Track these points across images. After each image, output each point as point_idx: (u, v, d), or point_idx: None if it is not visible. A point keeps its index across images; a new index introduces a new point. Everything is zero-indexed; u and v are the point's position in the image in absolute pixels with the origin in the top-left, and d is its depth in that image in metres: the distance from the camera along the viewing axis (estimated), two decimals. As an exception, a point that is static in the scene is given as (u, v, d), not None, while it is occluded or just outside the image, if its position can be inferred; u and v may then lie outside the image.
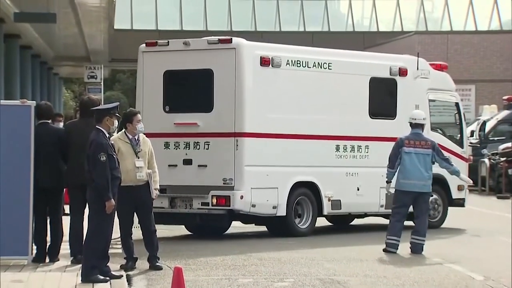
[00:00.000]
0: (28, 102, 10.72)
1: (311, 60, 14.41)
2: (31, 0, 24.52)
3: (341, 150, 14.79)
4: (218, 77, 13.66)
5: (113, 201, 9.63)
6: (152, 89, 14.05)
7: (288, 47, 14.66)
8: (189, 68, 13.91)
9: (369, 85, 15.14)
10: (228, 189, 13.43)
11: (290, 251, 12.90)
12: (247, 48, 13.73)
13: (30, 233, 10.46)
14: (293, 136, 14.13)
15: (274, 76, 13.94)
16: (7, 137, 10.47)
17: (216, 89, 13.67)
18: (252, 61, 13.67)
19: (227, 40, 13.71)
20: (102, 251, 9.70)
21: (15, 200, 10.43)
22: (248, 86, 13.61)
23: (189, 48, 13.86)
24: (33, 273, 9.97)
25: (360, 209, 15.29)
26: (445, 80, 16.65)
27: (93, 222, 9.69)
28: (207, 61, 13.75)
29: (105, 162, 9.57)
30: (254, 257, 12.06)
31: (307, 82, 14.37)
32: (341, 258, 12.21)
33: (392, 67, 15.45)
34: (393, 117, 15.44)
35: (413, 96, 15.65)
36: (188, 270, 10.50)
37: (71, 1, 25.76)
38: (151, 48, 14.16)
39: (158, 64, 14.07)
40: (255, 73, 13.72)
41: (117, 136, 10.71)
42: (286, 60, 14.09)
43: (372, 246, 13.81)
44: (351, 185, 14.85)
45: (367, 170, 14.98)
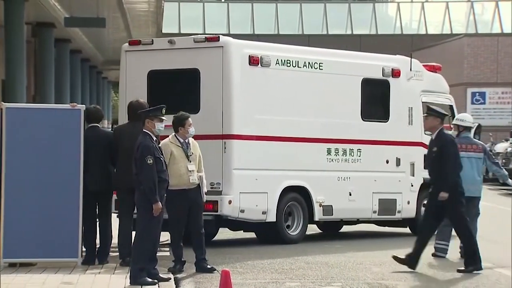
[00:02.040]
0: (78, 106, 10.84)
1: (301, 60, 13.79)
2: (81, 6, 24.85)
3: (332, 154, 14.11)
4: (205, 77, 13.03)
5: (160, 204, 9.69)
6: (136, 90, 13.25)
7: (277, 45, 14.06)
8: (175, 68, 13.26)
9: (361, 86, 14.48)
10: (215, 193, 12.66)
11: (337, 254, 12.84)
12: (235, 46, 13.12)
13: (79, 236, 10.57)
14: (283, 138, 13.45)
15: (263, 76, 13.33)
16: (57, 141, 10.60)
17: (203, 89, 13.02)
18: (241, 60, 13.05)
19: (214, 38, 13.09)
20: (150, 254, 9.76)
21: (65, 203, 10.55)
22: (236, 86, 13.00)
23: (174, 47, 13.24)
24: (83, 275, 10.08)
25: (352, 215, 14.60)
26: (439, 82, 16.01)
27: (141, 224, 9.76)
28: (193, 60, 13.12)
29: (152, 165, 9.64)
30: (301, 261, 12.03)
31: (297, 83, 13.75)
32: (389, 262, 12.11)
33: (385, 68, 14.78)
34: (386, 120, 14.84)
35: (406, 98, 15.03)
36: (235, 273, 10.51)
37: (120, 6, 26.04)
38: (134, 47, 13.56)
39: (142, 63, 13.45)
40: (244, 73, 13.09)
41: (168, 140, 10.73)
42: (276, 59, 13.47)
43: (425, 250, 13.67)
44: (343, 190, 14.20)
45: (359, 175, 14.37)
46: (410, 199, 15.11)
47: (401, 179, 14.97)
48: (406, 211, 15.08)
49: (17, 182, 10.45)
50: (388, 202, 14.80)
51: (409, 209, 15.10)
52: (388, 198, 14.81)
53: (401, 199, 14.97)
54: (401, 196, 14.98)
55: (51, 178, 10.52)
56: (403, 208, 15.01)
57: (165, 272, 10.30)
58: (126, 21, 29.27)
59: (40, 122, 10.60)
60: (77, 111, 10.73)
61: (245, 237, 14.83)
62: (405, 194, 15.03)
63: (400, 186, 14.97)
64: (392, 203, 14.86)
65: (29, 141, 10.52)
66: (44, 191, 10.49)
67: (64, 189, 10.55)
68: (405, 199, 15.03)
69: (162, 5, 29.12)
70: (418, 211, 15.23)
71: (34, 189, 10.48)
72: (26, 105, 11.01)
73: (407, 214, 15.13)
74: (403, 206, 15.00)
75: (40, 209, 10.47)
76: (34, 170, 10.50)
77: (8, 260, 10.45)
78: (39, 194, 10.48)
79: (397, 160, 14.92)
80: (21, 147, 10.50)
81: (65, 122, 10.67)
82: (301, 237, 13.81)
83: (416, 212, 15.24)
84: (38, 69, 28.18)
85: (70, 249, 10.50)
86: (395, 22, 51.30)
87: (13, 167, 10.45)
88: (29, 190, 10.47)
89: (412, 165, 15.13)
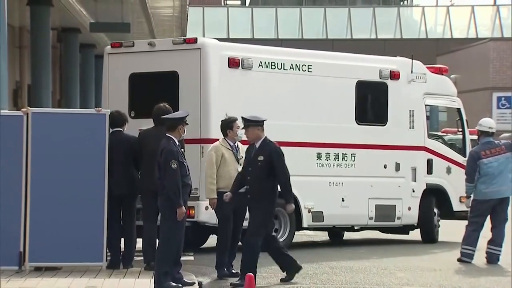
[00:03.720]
0: (103, 111, 10.89)
1: (287, 62, 13.41)
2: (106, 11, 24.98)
3: (323, 158, 13.65)
4: (183, 80, 12.70)
5: (184, 208, 9.71)
6: (117, 93, 13.12)
7: (262, 47, 13.76)
8: (154, 71, 12.98)
9: (356, 89, 14.06)
10: (193, 199, 11.90)
11: (361, 259, 12.80)
12: (213, 48, 12.81)
13: (104, 240, 10.62)
14: None
15: (244, 78, 12.97)
16: (82, 145, 10.65)
17: (181, 92, 12.66)
18: (219, 62, 12.74)
19: (192, 40, 12.83)
20: (175, 258, 9.78)
21: (90, 207, 10.60)
22: (214, 89, 12.67)
23: (154, 49, 12.99)
24: (107, 279, 10.12)
25: (346, 222, 14.17)
26: (444, 84, 15.51)
27: (165, 229, 9.78)
28: (172, 63, 12.84)
29: (176, 169, 9.66)
30: (325, 266, 12.00)
31: (283, 85, 13.36)
32: (413, 267, 12.06)
33: (382, 70, 14.34)
34: (384, 123, 14.41)
35: (407, 101, 14.62)
36: (259, 278, 10.50)
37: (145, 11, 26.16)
38: (116, 49, 13.34)
39: (123, 66, 13.22)
40: (223, 75, 12.76)
41: (219, 143, 10.79)
42: (259, 61, 13.11)
43: (443, 256, 13.63)
44: (335, 196, 13.75)
45: (353, 180, 13.90)
46: (411, 205, 14.63)
47: (401, 185, 14.50)
48: (407, 217, 14.61)
49: (43, 186, 10.52)
50: (386, 208, 14.32)
51: (410, 215, 14.64)
52: (386, 204, 14.33)
53: (401, 205, 14.49)
54: (401, 202, 14.49)
55: (76, 183, 10.58)
56: (404, 215, 14.53)
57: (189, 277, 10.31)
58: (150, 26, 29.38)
59: (65, 127, 10.67)
60: (102, 115, 10.78)
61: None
62: (406, 200, 14.55)
63: (400, 191, 14.49)
64: (390, 209, 14.38)
65: (54, 145, 10.59)
66: (69, 196, 10.55)
67: (89, 194, 10.60)
68: (406, 205, 14.56)
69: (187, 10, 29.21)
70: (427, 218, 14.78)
71: (60, 194, 10.54)
72: (51, 110, 11.10)
73: (408, 220, 14.67)
74: (404, 213, 14.53)
75: (66, 214, 10.53)
76: (59, 174, 10.56)
77: (34, 264, 10.52)
78: (64, 198, 10.54)
79: (397, 165, 14.45)
80: (47, 152, 10.57)
81: (90, 127, 10.72)
82: (287, 244, 13.03)
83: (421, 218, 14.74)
84: (63, 74, 28.36)
85: (95, 253, 10.55)
86: (420, 26, 51.12)
87: (38, 172, 10.52)
88: (55, 195, 10.54)
89: (414, 170, 14.69)
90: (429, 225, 14.99)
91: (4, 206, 10.46)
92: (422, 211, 14.77)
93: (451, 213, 15.23)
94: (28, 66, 25.11)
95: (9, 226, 10.42)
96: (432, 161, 14.95)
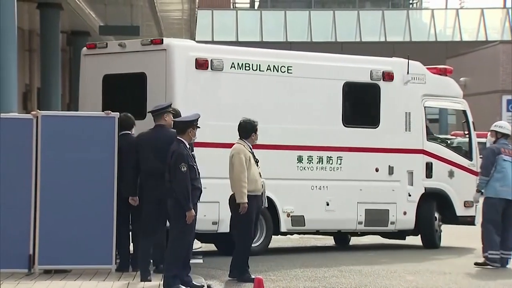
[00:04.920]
0: (112, 114, 10.91)
1: (264, 63, 13.07)
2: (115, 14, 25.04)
3: (304, 161, 13.27)
4: (151, 81, 12.51)
5: (193, 212, 9.71)
6: (92, 95, 13.03)
7: (235, 48, 13.51)
8: (125, 72, 12.83)
9: (343, 90, 13.67)
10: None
11: (371, 263, 12.78)
12: (179, 49, 12.54)
13: (113, 243, 10.63)
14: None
15: (214, 80, 12.67)
16: (92, 148, 10.67)
17: (149, 94, 12.46)
18: (185, 63, 12.47)
19: (158, 41, 12.63)
20: (184, 261, 9.79)
21: (99, 210, 10.62)
22: (179, 90, 12.38)
23: (125, 50, 12.81)
24: (116, 282, 10.13)
25: (331, 226, 13.80)
26: (447, 85, 14.98)
27: (174, 232, 9.79)
28: (140, 64, 12.65)
29: (186, 172, 9.67)
30: (334, 269, 11.99)
31: (259, 87, 13.04)
32: (422, 270, 12.03)
33: (373, 71, 13.93)
34: (376, 126, 14.00)
35: (403, 103, 14.21)
36: (268, 281, 10.50)
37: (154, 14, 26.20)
38: (91, 51, 13.20)
39: (98, 68, 13.10)
40: (189, 77, 12.49)
41: (242, 146, 10.68)
42: (231, 62, 12.80)
43: (452, 260, 13.58)
44: (318, 200, 13.39)
45: (340, 184, 13.56)
46: (407, 210, 14.19)
47: (395, 189, 14.08)
48: (402, 222, 14.18)
49: (52, 189, 10.54)
50: (377, 213, 13.91)
51: (405, 220, 14.21)
52: (378, 209, 13.91)
53: (395, 210, 14.06)
54: (395, 207, 14.06)
55: (85, 185, 10.60)
56: (398, 219, 14.11)
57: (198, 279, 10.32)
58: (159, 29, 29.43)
59: (74, 130, 10.69)
60: (111, 119, 10.80)
61: (278, 246, 14.81)
62: (401, 204, 14.12)
63: (394, 195, 14.06)
64: (382, 213, 13.97)
65: (64, 148, 10.61)
66: (78, 198, 10.57)
67: (98, 196, 10.62)
68: (401, 209, 14.13)
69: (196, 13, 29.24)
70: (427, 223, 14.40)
71: (69, 196, 10.56)
72: (61, 113, 11.10)
73: (403, 225, 14.25)
74: (398, 217, 14.10)
75: (75, 216, 10.55)
76: (68, 177, 10.58)
77: (43, 267, 10.54)
78: (73, 201, 10.56)
79: (390, 168, 14.04)
80: (56, 155, 10.59)
81: (99, 130, 10.75)
82: (263, 248, 12.92)
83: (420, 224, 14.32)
84: (73, 77, 28.43)
85: (104, 256, 10.56)
86: (429, 29, 51.05)
87: (48, 175, 10.55)
88: (64, 198, 10.56)
89: (410, 174, 14.26)
90: (429, 230, 14.56)
91: (14, 208, 10.48)
92: (422, 216, 14.39)
93: (455, 218, 14.85)
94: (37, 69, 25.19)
95: (18, 229, 10.44)
96: (431, 165, 14.51)
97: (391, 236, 14.74)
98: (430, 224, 14.57)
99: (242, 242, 10.72)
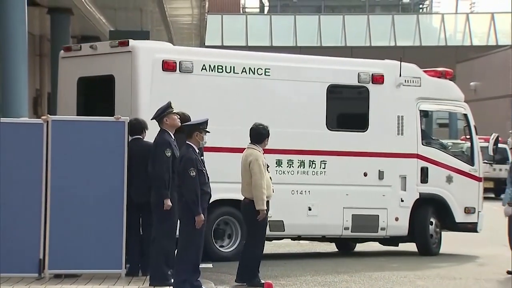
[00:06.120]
0: (121, 118, 10.92)
1: (239, 65, 12.80)
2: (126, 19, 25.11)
3: (284, 165, 12.93)
4: (118, 84, 12.34)
5: (203, 216, 9.71)
6: (68, 98, 12.95)
7: (207, 50, 13.24)
8: (96, 74, 12.69)
9: (327, 93, 13.37)
10: None
11: (381, 268, 12.75)
12: (144, 51, 12.36)
13: (123, 247, 10.64)
14: (212, 149, 11.97)
15: (183, 82, 12.44)
16: (102, 153, 10.69)
17: (117, 97, 12.30)
18: (151, 65, 12.28)
19: (124, 43, 12.44)
20: (193, 266, 9.78)
21: (109, 215, 10.62)
22: (144, 93, 12.18)
23: (96, 53, 12.68)
24: (126, 286, 10.14)
25: (314, 232, 13.48)
26: (446, 88, 14.55)
27: (184, 236, 9.79)
28: (109, 67, 12.51)
29: (195, 177, 9.67)
30: (344, 274, 11.97)
31: (233, 89, 12.75)
32: (433, 275, 12.00)
33: (361, 73, 13.60)
34: (364, 129, 13.65)
35: (395, 106, 13.84)
36: (278, 286, 10.49)
37: (164, 19, 26.27)
38: (67, 53, 13.13)
39: (73, 70, 13.01)
40: (156, 79, 12.27)
41: (259, 152, 10.58)
42: (202, 64, 12.57)
43: (462, 265, 13.53)
44: (300, 205, 13.08)
45: (323, 188, 13.25)
46: (399, 216, 13.84)
47: (386, 194, 13.73)
48: (394, 228, 13.82)
49: (62, 194, 10.56)
50: (365, 219, 13.58)
51: (397, 226, 13.85)
52: (366, 214, 13.58)
53: (385, 215, 13.72)
54: (386, 212, 13.72)
55: (95, 190, 10.61)
56: (389, 225, 13.76)
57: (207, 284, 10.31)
58: (169, 33, 29.49)
59: (85, 135, 10.71)
60: (121, 123, 10.81)
61: (287, 251, 14.79)
62: (392, 210, 13.77)
63: (385, 201, 13.72)
64: (371, 219, 13.63)
65: (73, 153, 10.63)
66: (88, 203, 10.58)
67: (108, 201, 10.63)
68: (392, 215, 13.77)
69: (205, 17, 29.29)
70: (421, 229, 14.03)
71: (79, 201, 10.57)
72: (71, 118, 11.11)
73: (395, 231, 13.88)
74: (389, 223, 13.75)
75: (85, 221, 10.56)
76: (78, 182, 10.59)
77: (53, 272, 10.55)
78: (83, 206, 10.58)
79: (380, 173, 13.70)
80: (66, 159, 10.61)
81: (109, 135, 10.75)
82: (237, 254, 12.27)
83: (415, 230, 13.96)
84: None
85: (114, 260, 10.57)
86: (439, 33, 50.98)
87: (58, 179, 10.57)
88: (74, 202, 10.57)
89: (403, 179, 13.90)
90: (423, 237, 14.17)
91: (24, 213, 10.51)
92: (416, 222, 14.03)
93: (454, 224, 14.44)
94: (48, 74, 25.25)
95: (29, 234, 10.46)
96: (427, 169, 14.10)
97: (383, 242, 14.37)
98: (424, 231, 14.16)
99: (255, 247, 10.69)
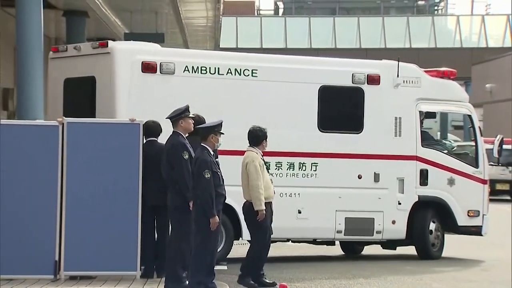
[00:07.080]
0: (136, 120, 10.95)
1: (224, 66, 12.58)
2: (140, 21, 25.18)
3: (271, 168, 12.57)
4: (99, 86, 12.26)
5: (217, 218, 9.72)
6: (55, 99, 12.91)
7: (192, 51, 12.91)
8: (79, 76, 12.62)
9: (319, 94, 13.06)
10: None
11: (396, 270, 12.72)
12: (123, 52, 12.24)
13: (138, 249, 10.66)
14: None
15: (164, 84, 12.27)
16: (116, 155, 10.72)
17: (98, 99, 12.23)
18: (130, 66, 12.15)
19: (104, 44, 12.34)
20: (208, 268, 9.79)
21: (124, 217, 10.64)
22: (123, 95, 12.04)
23: (80, 54, 12.61)
24: None
25: (305, 235, 13.14)
26: (449, 89, 14.11)
27: (198, 238, 9.80)
28: (91, 68, 12.43)
29: (209, 179, 9.68)
30: (359, 276, 11.95)
31: (218, 91, 12.54)
32: (448, 278, 11.96)
33: (355, 74, 13.25)
34: (358, 131, 13.31)
35: (392, 107, 13.47)
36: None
37: (179, 21, 26.31)
38: (55, 54, 13.01)
39: (60, 71, 12.92)
40: (135, 81, 12.14)
41: (255, 154, 10.63)
42: (184, 66, 12.38)
43: (478, 267, 13.48)
44: (289, 208, 12.74)
45: (314, 191, 12.94)
46: (396, 219, 13.47)
47: (382, 196, 13.37)
48: (390, 231, 13.47)
49: (78, 195, 10.60)
50: (360, 222, 13.25)
51: (394, 229, 13.50)
52: (361, 217, 13.25)
53: (381, 219, 13.37)
54: (382, 215, 13.37)
55: (110, 192, 10.64)
56: (385, 229, 13.40)
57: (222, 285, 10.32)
58: (184, 36, 29.54)
59: (100, 137, 10.74)
60: (136, 125, 10.84)
61: (302, 254, 14.78)
62: (389, 213, 13.41)
63: (381, 204, 13.36)
64: (366, 222, 13.29)
65: (89, 155, 10.67)
66: (103, 205, 10.62)
67: (123, 203, 10.65)
68: (389, 218, 13.42)
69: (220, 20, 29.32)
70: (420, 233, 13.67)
71: (94, 203, 10.61)
72: (86, 120, 11.15)
73: (392, 235, 13.53)
74: (385, 226, 13.39)
75: (100, 223, 10.59)
76: (94, 183, 10.63)
77: (69, 273, 10.59)
78: (99, 208, 10.61)
79: (376, 175, 13.35)
80: (82, 161, 10.64)
81: (124, 137, 10.78)
82: (222, 257, 12.33)
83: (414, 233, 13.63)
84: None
85: (129, 262, 10.59)
86: (455, 35, 50.83)
87: (73, 181, 10.61)
88: (89, 204, 10.61)
89: (401, 181, 13.53)
90: (422, 241, 13.83)
91: (40, 215, 10.55)
92: (415, 226, 13.69)
93: (456, 227, 14.06)
94: (63, 76, 25.27)
95: (44, 235, 10.50)
96: (427, 172, 13.73)
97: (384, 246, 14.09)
98: (423, 234, 13.83)
99: (258, 249, 10.72)
